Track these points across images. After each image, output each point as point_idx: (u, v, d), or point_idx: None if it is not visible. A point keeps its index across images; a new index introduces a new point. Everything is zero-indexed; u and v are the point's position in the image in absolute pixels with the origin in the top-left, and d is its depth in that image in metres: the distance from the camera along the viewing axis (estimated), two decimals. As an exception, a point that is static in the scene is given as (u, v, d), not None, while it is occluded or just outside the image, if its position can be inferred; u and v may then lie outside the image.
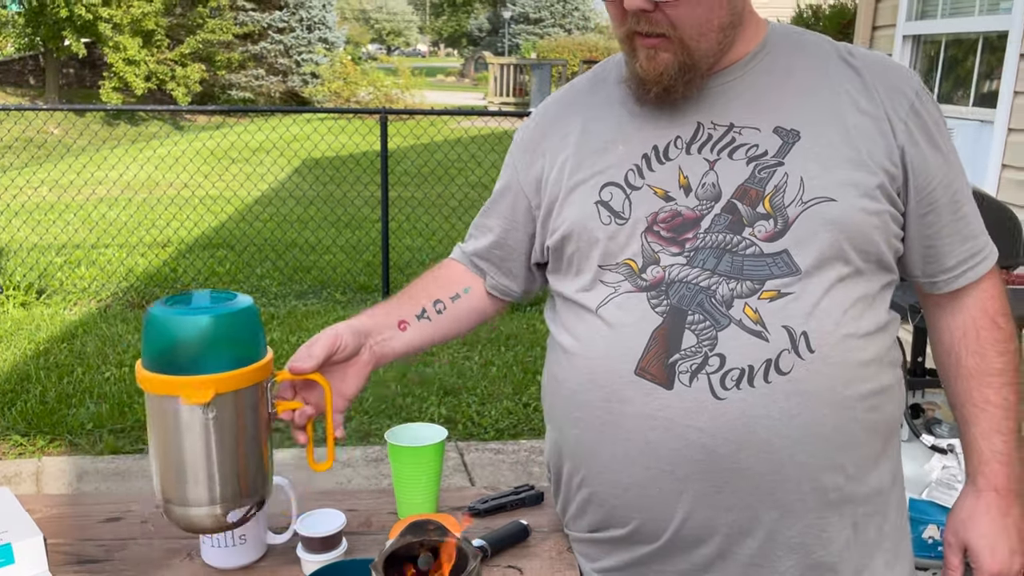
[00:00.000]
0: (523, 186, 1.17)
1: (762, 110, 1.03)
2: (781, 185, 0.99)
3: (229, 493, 0.97)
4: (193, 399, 0.91)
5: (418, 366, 4.22)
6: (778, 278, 0.97)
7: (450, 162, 7.85)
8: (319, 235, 6.87)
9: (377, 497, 1.38)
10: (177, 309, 0.94)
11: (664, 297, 1.00)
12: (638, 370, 1.00)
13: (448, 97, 22.04)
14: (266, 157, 9.25)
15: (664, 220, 1.02)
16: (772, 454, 0.98)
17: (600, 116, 1.11)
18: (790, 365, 0.96)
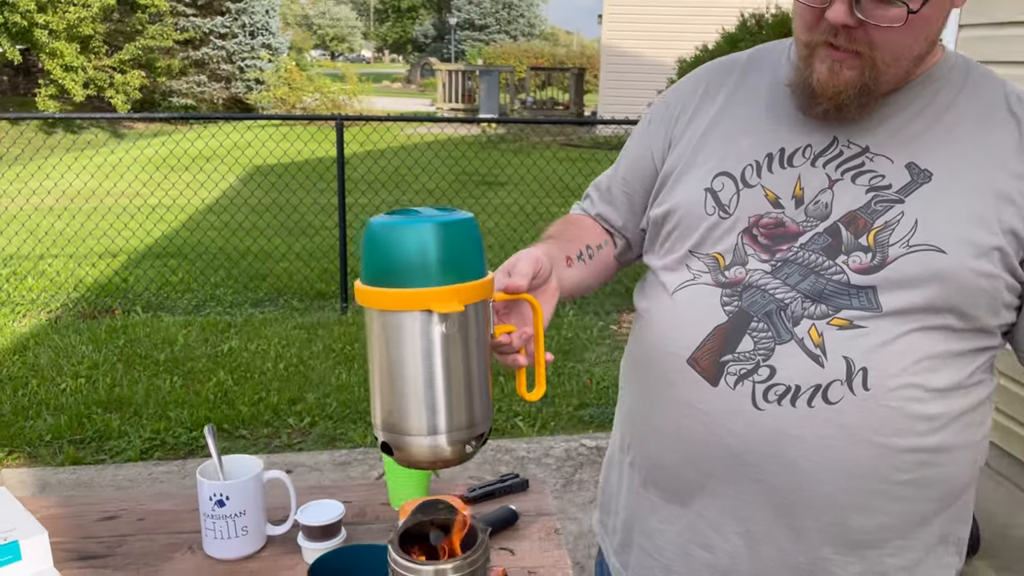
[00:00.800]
0: (653, 148, 1.14)
1: (902, 141, 0.98)
2: (893, 222, 0.95)
3: (471, 418, 0.87)
4: (445, 308, 0.82)
5: (380, 370, 4.24)
6: (856, 310, 0.94)
7: (406, 168, 7.88)
8: (272, 243, 6.83)
9: (368, 489, 1.43)
10: (411, 219, 0.85)
11: (737, 299, 0.99)
12: (690, 359, 1.01)
13: (396, 103, 22.00)
14: (208, 165, 9.14)
15: (765, 226, 1.00)
16: (797, 476, 0.96)
17: (741, 102, 1.08)
18: (839, 396, 0.93)
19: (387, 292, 0.83)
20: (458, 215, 0.85)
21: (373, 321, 0.86)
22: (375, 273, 0.84)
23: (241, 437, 3.52)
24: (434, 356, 0.84)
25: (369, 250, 0.85)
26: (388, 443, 0.88)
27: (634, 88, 14.62)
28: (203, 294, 5.58)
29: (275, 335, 4.70)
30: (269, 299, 5.58)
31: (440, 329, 0.83)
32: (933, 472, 0.97)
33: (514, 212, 8.07)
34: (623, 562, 1.18)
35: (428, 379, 0.85)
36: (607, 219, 1.22)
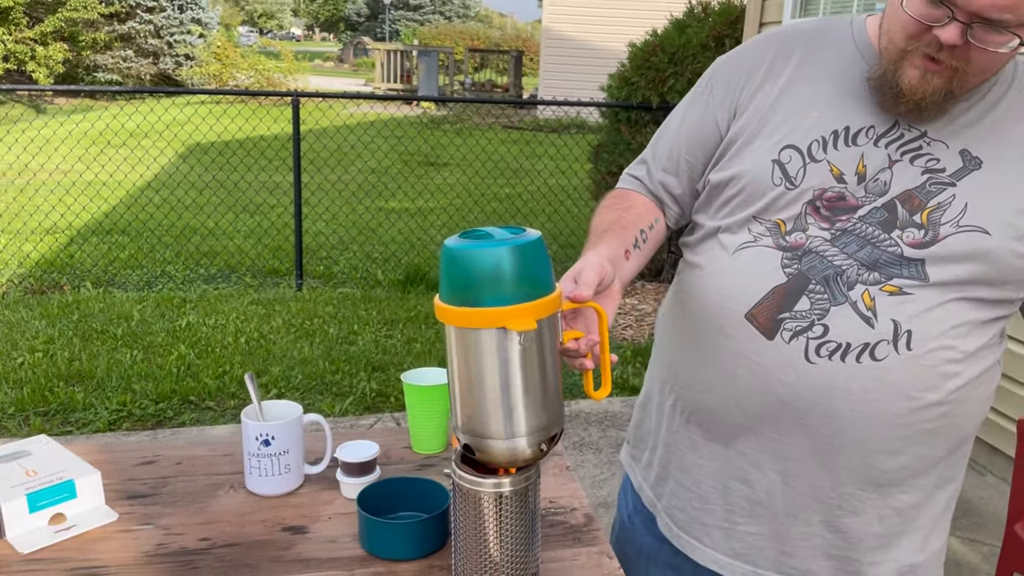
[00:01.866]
0: (717, 117, 1.18)
1: (957, 129, 1.05)
2: (945, 204, 1.03)
3: (546, 421, 0.96)
4: (520, 327, 0.89)
5: (341, 344, 4.31)
6: (905, 279, 1.03)
7: (349, 146, 7.88)
8: (216, 220, 6.78)
9: (390, 435, 1.53)
10: (487, 242, 0.91)
11: (797, 262, 1.06)
12: (748, 315, 1.08)
13: (330, 82, 21.69)
14: (147, 141, 8.97)
15: (828, 199, 1.07)
16: (838, 424, 1.06)
17: (809, 77, 1.12)
18: (885, 354, 1.03)
19: (466, 311, 0.91)
20: (528, 236, 0.92)
21: (453, 336, 0.93)
22: (454, 293, 0.92)
23: (209, 408, 3.55)
24: (510, 368, 0.92)
25: (448, 271, 0.92)
26: (470, 444, 0.97)
27: (575, 72, 14.79)
28: (153, 271, 5.52)
29: (232, 311, 4.70)
30: (222, 276, 5.56)
31: (516, 344, 0.91)
32: (950, 422, 1.08)
33: (457, 191, 8.16)
34: (657, 493, 1.29)
35: (505, 389, 0.92)
36: (668, 187, 1.24)
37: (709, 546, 1.21)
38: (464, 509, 1.01)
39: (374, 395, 3.74)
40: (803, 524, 1.13)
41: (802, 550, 1.14)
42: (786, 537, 1.15)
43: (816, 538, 1.14)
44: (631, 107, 5.39)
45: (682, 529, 1.24)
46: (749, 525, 1.16)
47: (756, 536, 1.16)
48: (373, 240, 6.60)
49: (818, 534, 1.13)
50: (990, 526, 2.93)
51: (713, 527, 1.20)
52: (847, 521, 1.12)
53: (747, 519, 1.16)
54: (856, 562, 1.15)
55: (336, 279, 5.64)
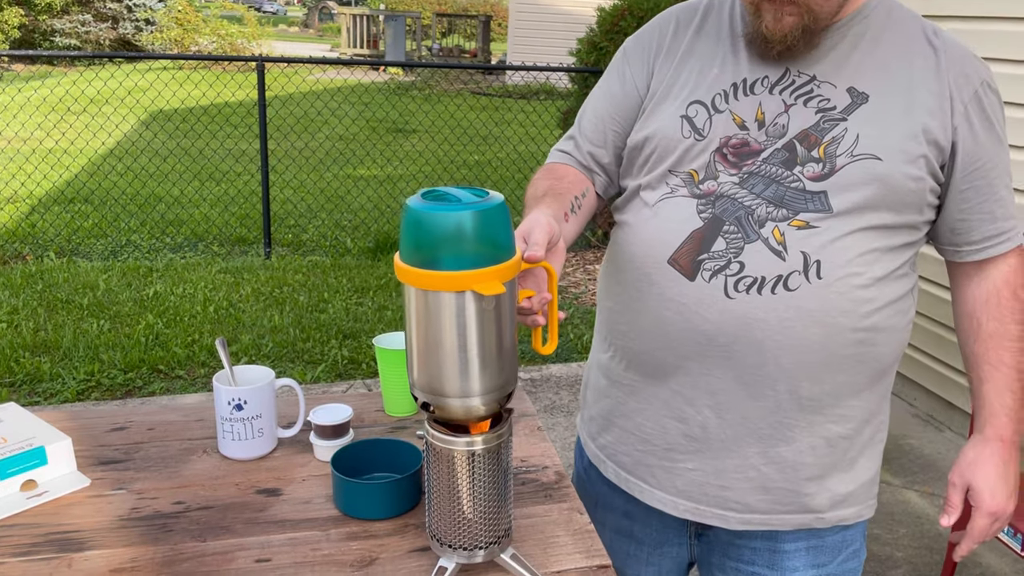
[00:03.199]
0: (637, 84, 1.27)
1: (843, 70, 1.14)
2: (839, 137, 1.11)
3: (501, 380, 0.98)
4: (489, 290, 0.91)
5: (312, 312, 4.29)
6: (811, 212, 1.10)
7: (315, 112, 7.77)
8: (181, 188, 6.68)
9: (362, 399, 1.54)
10: (451, 205, 0.91)
11: (710, 207, 1.14)
12: (670, 260, 1.16)
13: (296, 48, 21.30)
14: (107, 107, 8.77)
15: (734, 145, 1.15)
16: (761, 353, 1.12)
17: (707, 40, 1.22)
18: (797, 284, 1.10)
19: (430, 274, 0.91)
20: (493, 200, 0.93)
21: (413, 297, 0.94)
22: (416, 254, 0.92)
23: (179, 377, 3.54)
24: (468, 330, 0.93)
25: (412, 233, 0.92)
26: (427, 402, 0.99)
27: (544, 37, 14.67)
28: (118, 240, 5.44)
29: (200, 280, 4.66)
30: (189, 245, 5.49)
31: (478, 307, 0.92)
32: (868, 350, 1.15)
33: (426, 158, 8.12)
34: (600, 445, 1.35)
35: (463, 350, 0.94)
36: (596, 157, 1.32)
37: (654, 486, 1.26)
38: (437, 468, 1.02)
39: (346, 362, 3.74)
40: (738, 457, 1.19)
41: (739, 483, 1.20)
42: (723, 471, 1.20)
43: (752, 471, 1.19)
44: (600, 72, 5.37)
45: (629, 473, 1.30)
46: (688, 461, 1.22)
47: (695, 472, 1.22)
48: (342, 208, 6.55)
49: (754, 466, 1.19)
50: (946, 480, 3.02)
51: (656, 467, 1.25)
52: (780, 451, 1.18)
53: (686, 455, 1.22)
54: (792, 492, 1.20)
55: (305, 247, 5.61)
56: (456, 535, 1.03)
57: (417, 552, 1.10)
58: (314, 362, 3.73)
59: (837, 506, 1.22)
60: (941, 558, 2.57)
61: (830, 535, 1.25)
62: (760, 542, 1.25)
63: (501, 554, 1.05)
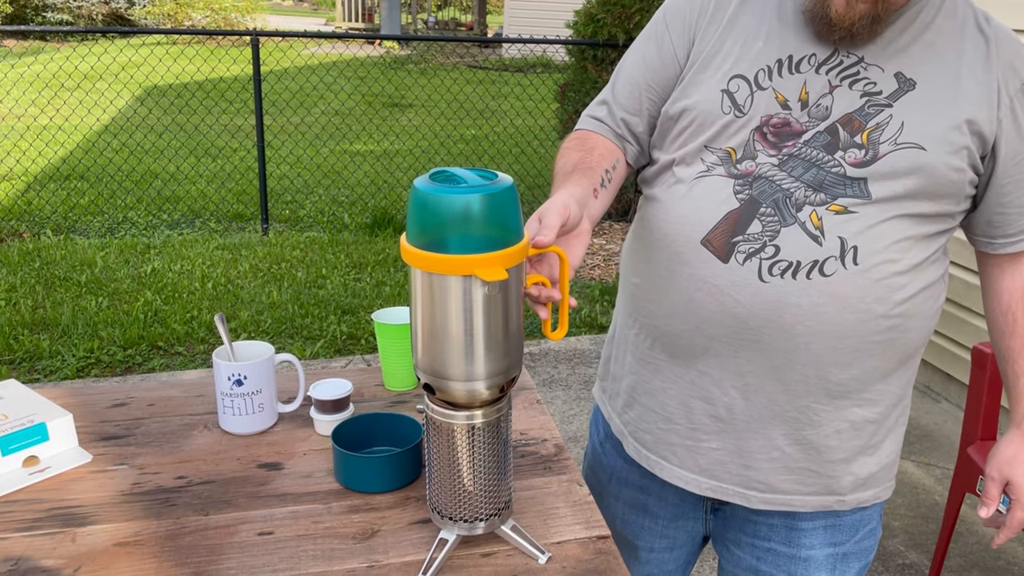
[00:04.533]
0: (677, 53, 1.21)
1: (891, 54, 1.10)
2: (883, 124, 1.08)
3: (506, 365, 0.98)
4: (491, 276, 0.90)
5: (310, 288, 4.29)
6: (850, 198, 1.08)
7: (311, 87, 7.72)
8: (177, 165, 6.65)
9: (361, 374, 1.55)
10: (459, 187, 0.90)
11: (748, 188, 1.11)
12: (704, 240, 1.13)
13: (291, 22, 21.11)
14: (102, 83, 8.70)
15: (775, 125, 1.11)
16: (792, 339, 1.10)
17: (753, 10, 1.17)
18: (833, 270, 1.08)
19: (435, 257, 0.90)
20: (501, 183, 0.91)
21: (418, 279, 0.93)
22: (422, 236, 0.91)
23: (178, 354, 3.54)
24: (475, 314, 0.93)
25: (418, 214, 0.91)
26: (430, 384, 0.99)
27: (540, 9, 14.54)
28: (115, 216, 5.42)
29: (198, 256, 4.65)
30: (186, 221, 5.48)
31: (483, 291, 0.91)
32: (898, 336, 1.13)
33: (423, 133, 8.08)
34: (624, 420, 1.33)
35: (469, 334, 0.93)
36: (630, 126, 1.27)
37: (675, 464, 1.26)
38: (438, 441, 1.03)
39: (344, 338, 3.75)
40: (763, 439, 1.18)
41: (763, 463, 1.19)
42: (748, 451, 1.19)
43: (776, 451, 1.19)
44: (597, 44, 5.34)
45: (649, 450, 1.29)
46: (712, 441, 1.21)
47: (719, 452, 1.21)
48: (339, 183, 6.53)
49: (778, 447, 1.18)
50: (943, 450, 3.04)
51: (678, 445, 1.25)
52: (806, 434, 1.17)
53: (710, 436, 1.21)
54: (815, 474, 1.20)
55: (302, 223, 5.59)
56: (457, 507, 1.03)
57: (418, 524, 1.11)
58: (313, 338, 3.74)
59: (858, 488, 1.22)
60: (937, 527, 2.60)
61: (848, 515, 1.25)
62: (778, 519, 1.26)
63: (501, 526, 1.06)
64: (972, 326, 3.14)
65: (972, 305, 3.12)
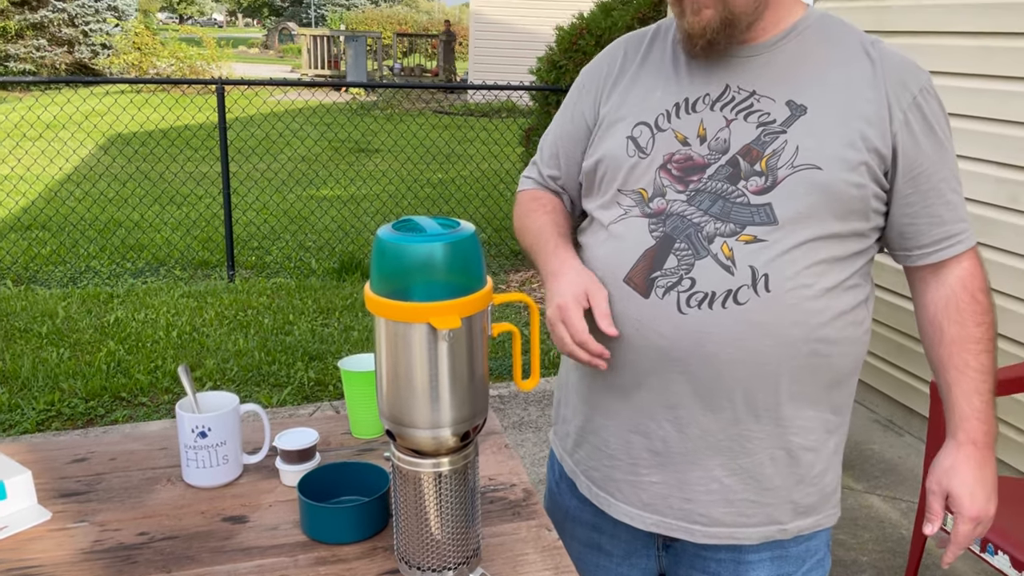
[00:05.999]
0: (586, 116, 1.32)
1: (781, 83, 1.16)
2: (779, 150, 1.13)
3: (470, 412, 0.99)
4: (444, 325, 0.91)
5: (277, 334, 4.26)
6: (758, 225, 1.13)
7: (277, 134, 7.74)
8: (141, 213, 6.60)
9: (328, 422, 1.54)
10: (419, 236, 0.92)
11: (662, 225, 1.17)
12: (626, 278, 1.19)
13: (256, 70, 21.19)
14: (64, 132, 8.63)
15: (677, 161, 1.18)
16: (715, 367, 1.14)
17: (651, 64, 1.27)
18: (747, 298, 1.12)
19: (395, 305, 0.93)
20: (461, 232, 0.93)
21: (382, 327, 0.95)
22: (385, 284, 0.94)
23: (142, 405, 3.48)
24: (436, 363, 0.94)
25: (380, 263, 0.94)
26: (393, 432, 1.00)
27: (504, 55, 14.77)
28: (77, 266, 5.35)
29: (163, 304, 4.60)
30: (150, 269, 5.42)
31: (442, 340, 0.93)
32: (822, 361, 1.17)
33: (390, 177, 8.11)
34: (575, 460, 1.36)
35: (432, 382, 0.95)
36: (556, 180, 1.39)
37: (621, 500, 1.28)
38: (404, 490, 1.03)
39: (312, 384, 3.72)
40: (701, 470, 1.21)
41: (702, 495, 1.22)
42: (687, 484, 1.22)
43: (714, 483, 1.21)
44: (560, 90, 5.43)
45: (599, 487, 1.31)
46: (653, 475, 1.24)
47: (660, 485, 1.24)
48: (306, 229, 6.52)
49: (716, 479, 1.21)
50: (908, 484, 3.08)
51: (623, 482, 1.27)
52: (741, 463, 1.20)
53: (650, 470, 1.24)
54: (755, 504, 1.22)
55: (269, 269, 5.57)
56: (425, 556, 1.03)
57: (387, 575, 1.10)
58: (280, 385, 3.70)
59: (799, 516, 1.24)
60: (904, 561, 2.62)
61: (793, 545, 1.27)
62: (725, 553, 1.27)
63: (470, 574, 1.06)
64: (932, 360, 3.20)
65: (931, 339, 3.19)
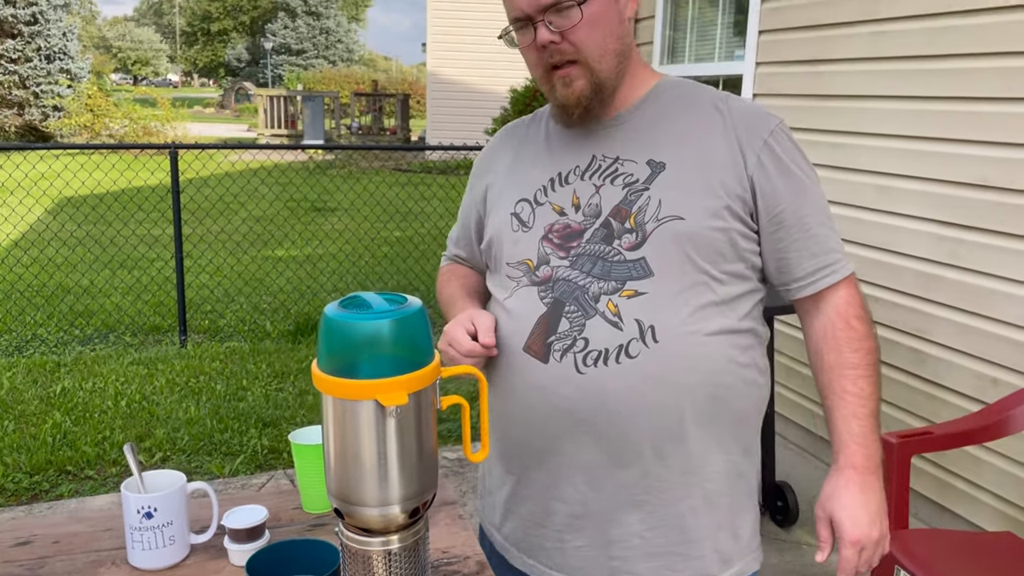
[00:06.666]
0: (476, 201, 1.43)
1: (641, 146, 1.25)
2: (644, 206, 1.21)
3: (418, 488, 0.98)
4: (391, 401, 0.91)
5: (230, 400, 4.19)
6: (636, 280, 1.19)
7: (231, 196, 7.71)
8: (91, 278, 6.49)
9: (279, 496, 1.52)
10: (366, 313, 0.93)
11: (550, 291, 1.24)
12: (525, 347, 1.24)
13: (212, 129, 21.20)
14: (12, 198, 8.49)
15: (557, 230, 1.26)
16: (619, 422, 1.19)
17: (528, 147, 1.38)
18: (638, 351, 1.17)
19: (340, 382, 0.92)
20: (408, 307, 0.94)
21: (329, 405, 0.95)
22: (331, 362, 0.93)
23: (88, 478, 3.38)
24: (384, 440, 0.94)
25: (325, 340, 0.94)
26: (341, 510, 0.99)
27: (461, 114, 14.99)
28: (23, 334, 5.23)
29: (112, 373, 4.50)
30: (99, 336, 5.31)
31: (390, 416, 0.93)
32: (721, 404, 1.21)
33: (347, 237, 8.10)
34: (504, 533, 1.38)
35: (380, 459, 0.95)
36: (465, 261, 1.53)
37: (551, 567, 1.30)
38: (354, 569, 1.01)
39: (266, 452, 3.65)
40: (621, 527, 1.23)
41: (626, 552, 1.24)
42: (611, 543, 1.24)
43: (636, 539, 1.23)
44: (514, 151, 5.51)
45: (528, 555, 1.33)
46: (577, 539, 1.26)
47: (585, 548, 1.26)
48: (260, 291, 6.46)
49: (638, 534, 1.23)
50: (866, 537, 3.09)
51: (551, 549, 1.29)
52: (660, 515, 1.23)
53: (574, 534, 1.26)
54: (681, 556, 1.24)
55: (223, 333, 5.49)
56: (375, 637, 1.01)
57: (336, 657, 1.08)
58: (232, 453, 3.63)
59: (725, 564, 1.27)
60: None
61: None
62: None
63: (422, 653, 1.04)
64: (883, 414, 3.26)
65: (883, 393, 3.25)
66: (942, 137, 2.87)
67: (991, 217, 2.70)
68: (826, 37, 3.34)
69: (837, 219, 1.30)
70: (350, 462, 0.96)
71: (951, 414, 2.86)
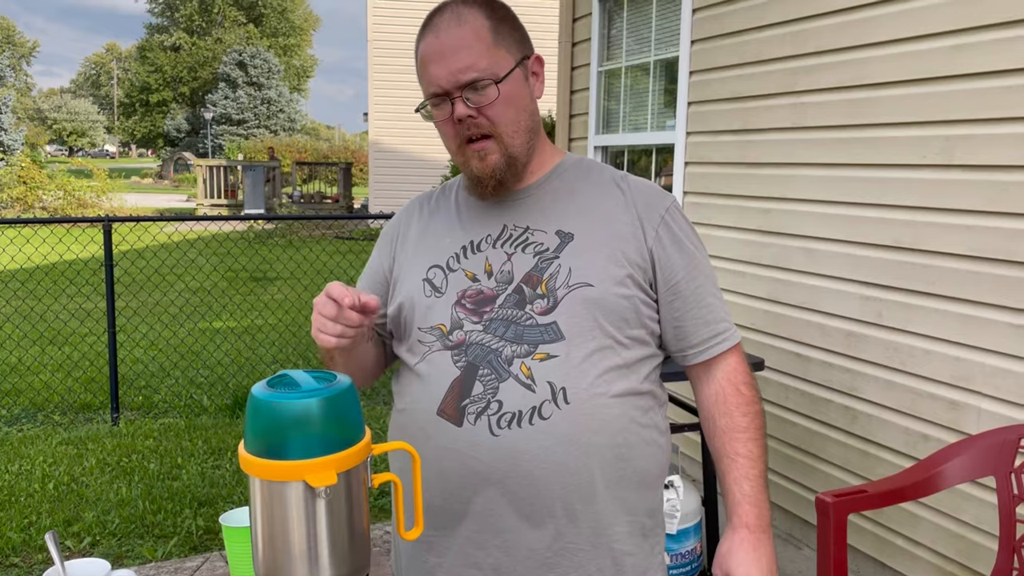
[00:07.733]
0: (384, 270, 1.44)
1: (550, 217, 1.32)
2: (555, 273, 1.27)
3: (351, 568, 0.95)
4: (320, 482, 0.89)
5: (163, 480, 4.05)
6: (548, 343, 1.23)
7: (167, 268, 7.58)
8: (19, 355, 6.27)
9: (208, 583, 1.46)
10: (293, 392, 0.92)
11: (463, 355, 1.26)
12: (438, 411, 1.25)
13: (150, 200, 20.92)
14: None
15: (470, 296, 1.29)
16: (532, 483, 1.21)
17: (440, 215, 1.41)
18: (550, 412, 1.21)
19: (268, 463, 0.91)
20: (336, 386, 0.93)
21: (256, 487, 0.93)
22: (258, 443, 0.92)
23: (14, 566, 3.21)
24: (313, 521, 0.92)
25: (251, 421, 0.93)
26: None
27: (403, 180, 15.11)
28: (-57, 416, 4.99)
29: (39, 454, 4.32)
30: (26, 416, 5.11)
31: (318, 497, 0.91)
32: (626, 464, 1.26)
33: (286, 308, 8.01)
34: None
35: (311, 540, 0.92)
36: None
37: None
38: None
39: (201, 532, 3.52)
40: None
41: None
42: None
43: None
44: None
45: None
46: None
47: None
48: (197, 364, 6.32)
49: None
50: (811, 598, 3.11)
51: None
52: None
53: None
54: None
55: (157, 409, 5.33)
56: None
57: None
58: (166, 536, 3.49)
59: None
60: None
61: None
62: None
63: None
64: (820, 472, 3.31)
65: (818, 452, 3.31)
66: (860, 202, 3.00)
67: (909, 277, 2.81)
68: (750, 108, 3.49)
69: (768, 281, 1.36)
70: (279, 545, 0.93)
71: (885, 471, 2.92)
